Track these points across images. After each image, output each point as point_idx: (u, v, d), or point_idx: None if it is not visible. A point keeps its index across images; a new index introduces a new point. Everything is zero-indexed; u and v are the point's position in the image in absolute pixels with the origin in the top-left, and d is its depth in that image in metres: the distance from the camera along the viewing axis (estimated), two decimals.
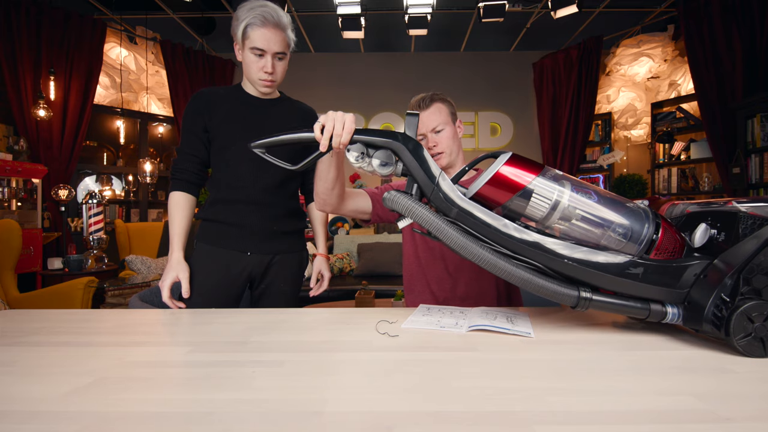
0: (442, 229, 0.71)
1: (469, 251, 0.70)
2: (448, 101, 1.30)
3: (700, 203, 0.79)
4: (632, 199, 0.76)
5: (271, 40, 1.18)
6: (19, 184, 3.59)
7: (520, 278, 0.70)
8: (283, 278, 1.39)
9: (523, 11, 4.22)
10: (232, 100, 1.31)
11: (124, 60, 4.51)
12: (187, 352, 0.67)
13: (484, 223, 0.71)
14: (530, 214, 0.71)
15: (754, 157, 3.50)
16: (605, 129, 5.01)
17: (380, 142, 0.78)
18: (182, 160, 1.29)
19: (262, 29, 1.17)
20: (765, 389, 0.52)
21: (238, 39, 1.21)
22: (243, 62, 1.25)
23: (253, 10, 1.16)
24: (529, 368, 0.59)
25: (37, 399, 0.50)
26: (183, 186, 1.28)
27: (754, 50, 3.60)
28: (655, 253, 0.71)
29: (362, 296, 2.65)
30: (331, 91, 5.34)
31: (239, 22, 1.18)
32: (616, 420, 0.44)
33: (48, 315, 0.97)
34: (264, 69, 1.21)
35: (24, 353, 0.68)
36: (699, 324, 0.67)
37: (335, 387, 0.53)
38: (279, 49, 1.21)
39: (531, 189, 0.70)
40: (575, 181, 0.73)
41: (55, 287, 2.75)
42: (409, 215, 0.74)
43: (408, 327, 0.81)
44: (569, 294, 0.70)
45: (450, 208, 0.73)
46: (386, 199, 0.75)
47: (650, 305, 0.71)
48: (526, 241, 0.70)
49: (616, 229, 0.70)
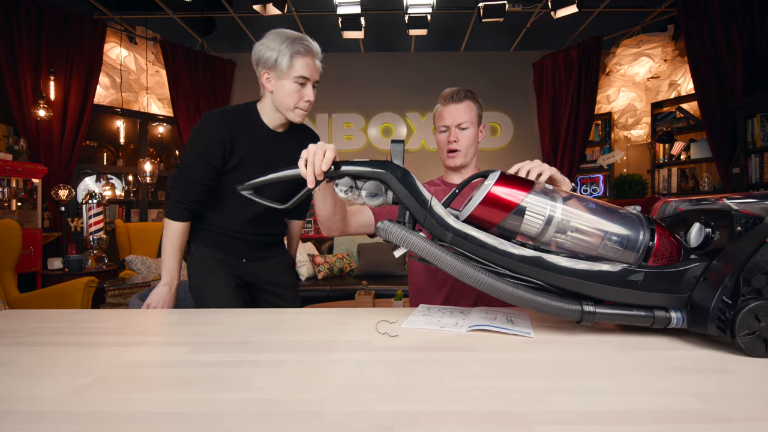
0: (438, 256, 0.71)
1: (468, 276, 0.70)
2: (479, 102, 1.29)
3: (692, 200, 0.78)
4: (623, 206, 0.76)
5: (314, 69, 1.21)
6: (19, 184, 3.59)
7: (522, 298, 0.69)
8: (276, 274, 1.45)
9: (523, 11, 4.22)
10: (254, 132, 1.28)
11: (124, 60, 4.51)
12: (187, 352, 0.67)
13: (481, 244, 0.70)
14: (526, 231, 0.71)
15: (754, 157, 3.50)
16: (605, 129, 5.01)
17: (368, 173, 0.77)
18: (192, 189, 1.23)
19: (306, 58, 1.18)
20: (765, 389, 0.52)
21: (280, 68, 1.18)
22: (278, 91, 1.21)
23: (294, 42, 1.17)
24: (529, 368, 0.59)
25: (36, 399, 0.50)
26: (188, 216, 1.26)
27: (754, 50, 3.60)
28: (653, 260, 0.71)
29: (362, 296, 2.65)
30: (331, 91, 5.34)
31: (278, 52, 1.17)
32: (616, 420, 0.44)
33: (48, 315, 0.97)
34: (305, 97, 1.22)
35: (24, 353, 0.68)
36: (704, 327, 0.67)
37: (335, 387, 0.53)
38: (317, 78, 1.24)
39: (524, 206, 0.70)
40: (565, 193, 0.73)
41: (55, 287, 2.75)
42: (404, 244, 0.72)
43: (408, 327, 0.81)
44: (572, 309, 0.70)
45: (444, 233, 0.72)
46: (379, 229, 0.74)
47: (654, 312, 0.70)
48: (525, 257, 0.70)
49: (612, 237, 0.70)
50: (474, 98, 1.27)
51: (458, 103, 1.24)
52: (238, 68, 5.39)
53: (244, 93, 5.36)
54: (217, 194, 1.30)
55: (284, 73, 1.18)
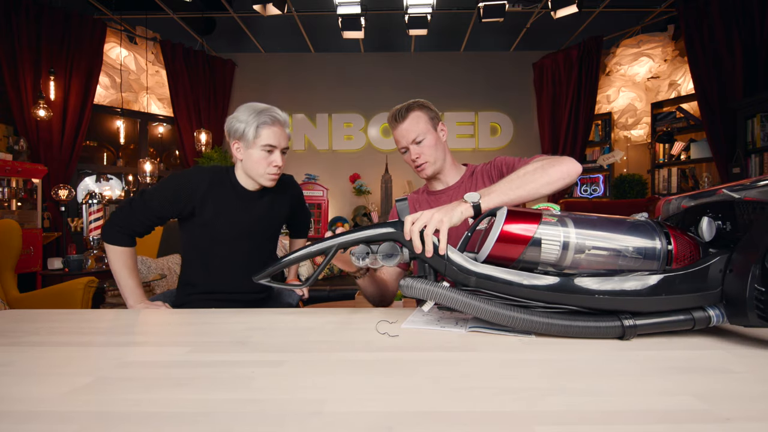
0: (467, 303, 0.71)
1: (502, 316, 0.70)
2: (426, 106, 1.27)
3: (692, 195, 0.78)
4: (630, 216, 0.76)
5: (281, 137, 1.28)
6: (19, 184, 3.59)
7: (560, 327, 0.70)
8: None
9: (523, 11, 4.22)
10: (228, 191, 1.33)
11: (124, 60, 4.51)
12: (186, 352, 0.67)
13: (506, 282, 0.71)
14: (545, 260, 0.71)
15: (754, 157, 3.50)
16: (605, 129, 5.01)
17: (380, 235, 0.79)
18: (137, 218, 1.26)
19: (273, 127, 1.26)
20: (765, 389, 0.52)
21: (247, 138, 1.25)
22: (247, 160, 1.28)
23: (261, 112, 1.25)
24: (529, 368, 0.59)
25: (36, 399, 0.50)
26: (127, 241, 1.27)
27: (754, 50, 3.60)
28: (676, 263, 0.70)
29: (362, 296, 2.65)
30: (331, 91, 5.34)
31: (245, 123, 1.25)
32: (617, 420, 0.44)
33: (48, 315, 0.97)
34: (274, 163, 1.27)
35: (23, 353, 0.68)
36: (744, 318, 0.66)
37: (335, 387, 0.53)
38: (286, 145, 1.31)
39: (538, 237, 0.70)
40: (576, 215, 0.73)
41: (55, 287, 2.74)
42: (430, 297, 0.73)
43: (408, 327, 0.81)
44: (613, 326, 0.70)
45: (467, 277, 0.73)
46: (403, 287, 0.76)
47: (693, 314, 0.70)
48: (552, 285, 0.70)
49: (630, 249, 0.70)
50: (418, 107, 1.25)
51: (403, 121, 1.24)
52: (238, 68, 5.39)
53: (244, 93, 5.36)
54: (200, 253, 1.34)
55: (251, 143, 1.25)
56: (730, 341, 0.71)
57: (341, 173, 5.39)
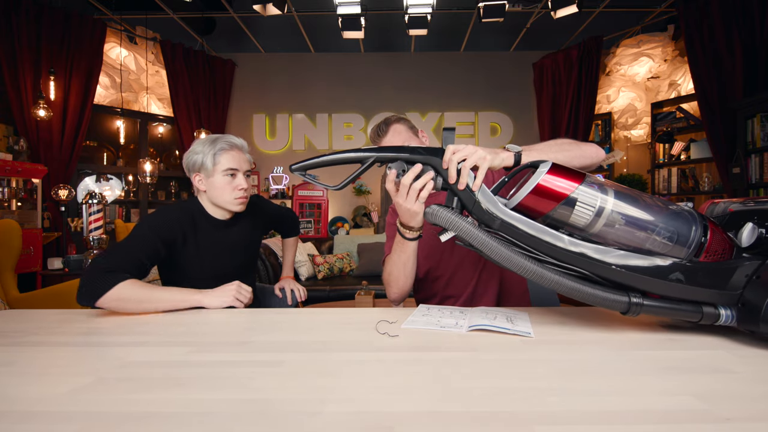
0: (485, 243, 0.72)
1: (515, 263, 0.71)
2: (403, 119, 1.31)
3: (744, 201, 0.77)
4: (677, 202, 0.76)
5: (241, 160, 1.28)
6: (19, 184, 3.59)
7: (568, 287, 0.70)
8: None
9: (523, 11, 4.22)
10: (202, 229, 1.27)
11: (124, 60, 4.51)
12: (186, 352, 0.67)
13: (527, 235, 0.71)
14: (574, 222, 0.70)
15: (754, 157, 3.50)
16: (605, 129, 5.01)
17: (420, 158, 0.79)
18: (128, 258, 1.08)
19: (231, 152, 1.26)
20: (765, 389, 0.52)
21: (206, 167, 1.23)
22: (210, 189, 1.26)
23: (216, 140, 1.26)
24: (529, 368, 0.59)
25: (36, 399, 0.50)
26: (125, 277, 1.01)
27: (754, 50, 3.60)
28: (705, 256, 0.70)
29: (362, 296, 2.65)
30: (331, 91, 5.34)
31: (203, 154, 1.24)
32: (617, 420, 0.44)
33: (48, 315, 0.97)
34: (239, 186, 1.26)
35: (24, 353, 0.68)
36: (755, 325, 0.66)
37: (335, 387, 0.53)
38: (248, 167, 1.31)
39: (575, 197, 0.69)
40: (619, 187, 0.72)
41: (55, 287, 2.74)
42: (452, 228, 0.74)
43: (408, 327, 0.81)
44: (619, 300, 0.70)
45: (492, 219, 0.73)
46: (427, 213, 0.76)
47: (702, 308, 0.70)
48: (572, 251, 0.70)
49: (663, 232, 0.69)
50: (396, 120, 1.29)
51: (385, 135, 1.27)
52: (238, 68, 5.38)
53: (244, 93, 5.36)
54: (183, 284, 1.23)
55: (211, 171, 1.24)
56: (731, 341, 0.71)
57: (341, 173, 5.37)
